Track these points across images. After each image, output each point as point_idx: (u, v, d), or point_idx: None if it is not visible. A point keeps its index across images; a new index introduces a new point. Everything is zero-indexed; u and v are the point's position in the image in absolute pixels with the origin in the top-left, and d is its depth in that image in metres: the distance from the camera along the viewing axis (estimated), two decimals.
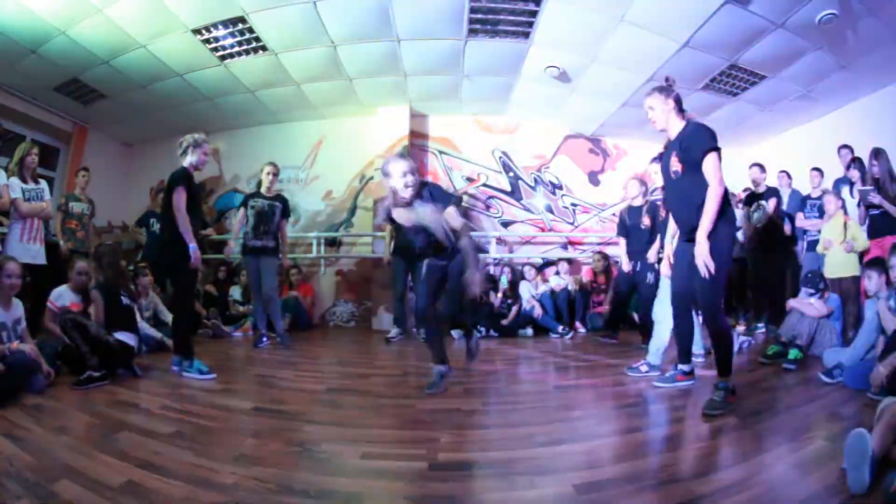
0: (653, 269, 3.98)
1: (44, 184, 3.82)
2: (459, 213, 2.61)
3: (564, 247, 6.58)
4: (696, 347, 3.50)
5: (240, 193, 6.35)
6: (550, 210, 6.60)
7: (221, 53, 4.72)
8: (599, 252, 5.88)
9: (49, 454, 1.67)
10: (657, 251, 3.97)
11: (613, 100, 5.56)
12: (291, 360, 3.78)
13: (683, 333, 2.69)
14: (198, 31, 4.35)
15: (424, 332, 3.10)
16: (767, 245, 4.57)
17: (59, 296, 3.28)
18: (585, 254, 6.41)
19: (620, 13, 3.97)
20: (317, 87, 5.59)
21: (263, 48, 4.66)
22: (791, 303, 3.70)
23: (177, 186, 2.98)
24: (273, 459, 1.69)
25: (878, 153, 3.85)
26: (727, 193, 2.29)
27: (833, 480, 1.42)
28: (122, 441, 1.82)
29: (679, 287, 2.53)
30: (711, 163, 2.24)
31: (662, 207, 3.53)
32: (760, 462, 1.61)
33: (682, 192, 2.39)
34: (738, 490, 1.39)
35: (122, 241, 6.19)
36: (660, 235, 3.88)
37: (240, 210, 4.33)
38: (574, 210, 6.65)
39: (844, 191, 4.40)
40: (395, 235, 4.94)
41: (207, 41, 4.50)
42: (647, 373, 3.02)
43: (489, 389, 2.85)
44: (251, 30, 4.35)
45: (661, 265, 3.24)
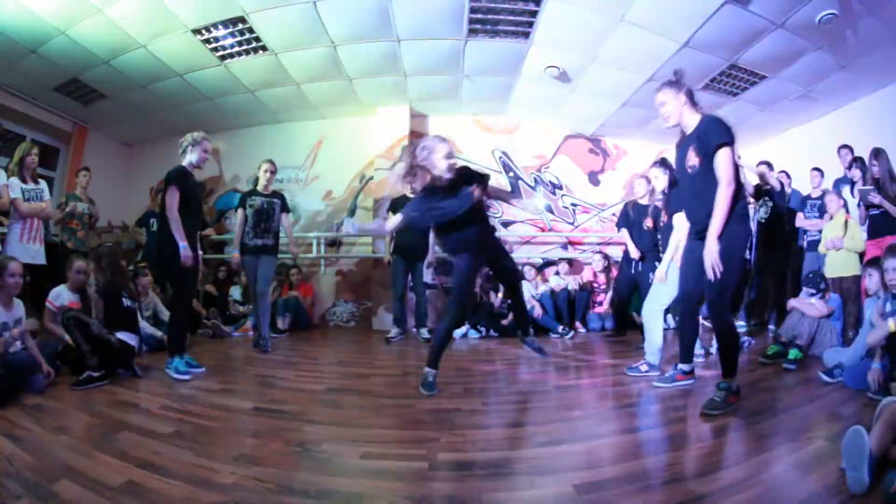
0: (653, 269, 3.99)
1: (43, 184, 3.83)
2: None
3: (564, 247, 6.58)
4: (696, 347, 3.51)
5: (240, 193, 6.34)
6: (550, 210, 6.60)
7: (221, 53, 4.72)
8: (600, 252, 5.88)
9: (49, 454, 1.67)
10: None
11: (613, 100, 5.56)
12: (291, 360, 3.78)
13: (687, 333, 2.66)
14: (198, 31, 4.35)
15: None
16: (770, 243, 4.57)
17: (58, 295, 3.28)
18: (585, 254, 6.42)
19: (620, 13, 3.97)
20: (317, 87, 5.59)
21: (263, 48, 4.66)
22: (792, 302, 3.70)
23: (169, 186, 2.97)
24: (273, 459, 1.69)
25: (878, 153, 3.85)
26: (741, 190, 2.22)
27: (833, 480, 1.42)
28: (122, 441, 1.82)
29: (688, 286, 2.46)
30: (723, 158, 2.17)
31: (665, 211, 3.53)
32: (760, 462, 1.61)
33: (697, 188, 2.31)
34: (738, 490, 1.39)
35: (122, 241, 6.19)
36: (661, 239, 3.90)
37: (238, 211, 4.19)
38: (574, 210, 6.66)
39: (845, 190, 4.40)
40: (396, 235, 4.95)
41: (207, 41, 4.50)
42: (647, 373, 3.02)
43: (489, 389, 2.85)
44: (251, 30, 4.35)
45: (657, 270, 3.24)
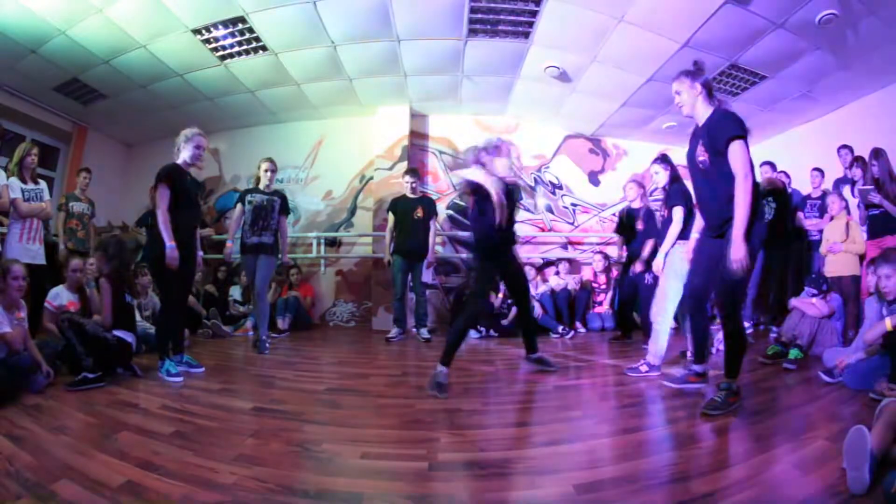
0: (651, 271, 4.00)
1: (43, 184, 3.82)
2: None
3: (564, 247, 6.58)
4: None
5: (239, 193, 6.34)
6: (550, 210, 6.60)
7: (221, 53, 4.72)
8: (600, 252, 5.88)
9: (49, 454, 1.67)
10: (649, 253, 4.03)
11: (613, 100, 5.56)
12: (291, 360, 3.78)
13: (699, 331, 2.59)
14: (198, 31, 4.35)
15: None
16: (773, 243, 4.57)
17: (56, 295, 3.28)
18: (585, 254, 6.42)
19: (620, 13, 3.97)
20: (317, 87, 5.59)
21: (263, 48, 4.66)
22: (793, 302, 3.70)
23: (158, 184, 2.93)
24: (273, 459, 1.69)
25: (878, 153, 3.85)
26: (757, 185, 2.14)
27: (833, 480, 1.42)
28: (122, 441, 1.82)
29: (697, 283, 2.41)
30: (738, 152, 2.08)
31: (664, 205, 3.53)
32: (760, 462, 1.61)
33: (710, 184, 2.23)
34: (738, 490, 1.39)
35: (127, 242, 6.18)
36: (656, 237, 3.92)
37: (236, 207, 4.12)
38: (574, 210, 6.66)
39: (845, 190, 4.40)
40: (396, 235, 4.95)
41: (207, 41, 4.50)
42: (647, 373, 3.02)
43: (489, 389, 2.84)
44: (251, 30, 4.35)
45: (654, 262, 3.26)
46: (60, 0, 3.80)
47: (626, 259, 4.44)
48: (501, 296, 5.33)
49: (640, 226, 4.19)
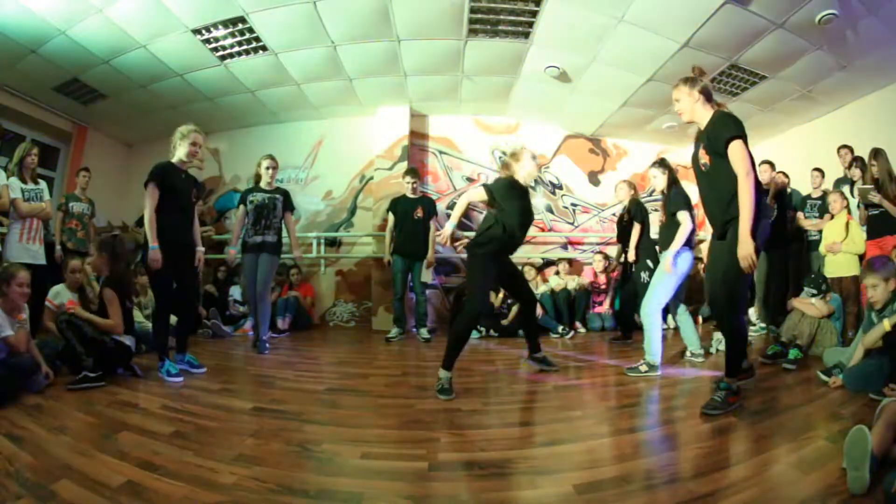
0: (647, 269, 4.01)
1: (43, 184, 3.83)
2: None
3: (564, 247, 6.58)
4: (694, 347, 3.52)
5: (239, 193, 6.33)
6: (550, 210, 6.60)
7: (221, 53, 4.72)
8: (600, 252, 5.88)
9: (49, 454, 1.67)
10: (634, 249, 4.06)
11: (613, 100, 5.56)
12: (291, 360, 3.78)
13: (732, 337, 2.40)
14: (198, 31, 4.35)
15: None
16: (772, 242, 4.58)
17: (57, 294, 3.29)
18: (585, 254, 6.42)
19: (620, 13, 3.97)
20: (317, 87, 5.59)
21: (263, 48, 4.66)
22: (793, 301, 3.71)
23: (147, 184, 2.90)
24: (273, 459, 1.69)
25: (878, 153, 3.86)
26: (759, 184, 2.15)
27: (833, 480, 1.42)
28: (122, 441, 1.82)
29: (712, 287, 2.34)
30: (737, 151, 2.11)
31: (663, 210, 3.55)
32: (760, 462, 1.61)
33: (712, 186, 2.27)
34: (738, 490, 1.39)
35: (127, 241, 6.18)
36: (661, 236, 3.92)
37: (238, 208, 4.05)
38: (574, 210, 6.65)
39: (844, 190, 4.40)
40: (396, 235, 4.95)
41: (207, 41, 4.50)
42: (647, 373, 3.02)
43: (489, 389, 2.84)
44: (251, 30, 4.35)
45: (663, 262, 3.24)
46: (60, 0, 3.80)
47: (625, 260, 4.45)
48: (502, 296, 5.33)
49: (628, 218, 4.20)
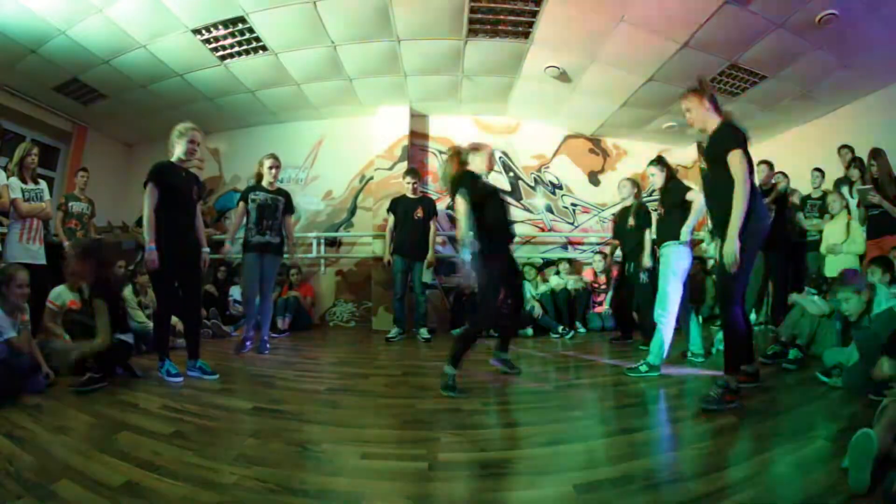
0: (646, 270, 4.00)
1: (43, 184, 3.82)
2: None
3: (564, 247, 6.58)
4: (695, 347, 3.52)
5: (240, 193, 6.33)
6: (550, 210, 6.60)
7: (221, 53, 4.72)
8: (600, 252, 5.88)
9: (49, 454, 1.67)
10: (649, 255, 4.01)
11: (613, 100, 5.56)
12: (291, 360, 3.78)
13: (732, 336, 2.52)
14: (198, 31, 4.35)
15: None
16: (771, 243, 4.57)
17: (58, 295, 3.28)
18: (585, 254, 6.41)
19: (620, 13, 3.97)
20: (317, 87, 5.59)
21: (263, 48, 4.66)
22: (793, 297, 3.69)
23: (146, 184, 2.89)
24: (273, 459, 1.69)
25: (877, 153, 3.86)
26: (755, 191, 2.30)
27: (833, 480, 1.42)
28: (122, 441, 1.82)
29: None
30: (735, 161, 2.26)
31: (660, 205, 3.54)
32: (760, 462, 1.61)
33: (714, 191, 2.45)
34: (738, 490, 1.39)
35: (122, 241, 6.18)
36: (650, 237, 3.93)
37: (238, 205, 3.96)
38: (574, 210, 6.65)
39: (844, 191, 4.40)
40: (396, 235, 4.95)
41: (207, 41, 4.50)
42: (647, 373, 3.02)
43: (489, 389, 2.84)
44: (251, 30, 4.35)
45: (675, 262, 3.24)
46: (60, 0, 3.80)
47: (623, 259, 4.42)
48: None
49: (632, 222, 4.15)
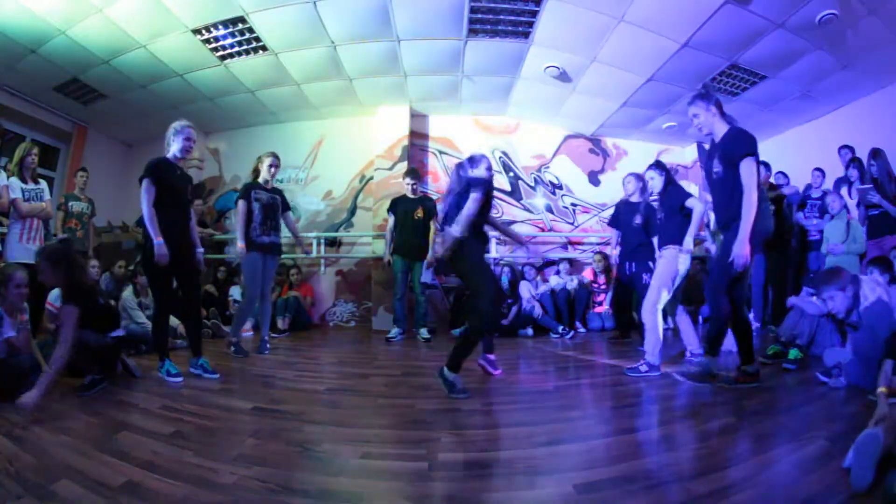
0: (648, 270, 3.99)
1: (44, 184, 3.83)
2: None
3: (564, 247, 6.58)
4: (694, 347, 3.52)
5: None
6: (550, 210, 6.60)
7: (221, 53, 4.72)
8: (600, 252, 5.88)
9: (49, 454, 1.67)
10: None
11: (613, 100, 5.57)
12: (291, 360, 3.78)
13: (739, 333, 2.70)
14: (198, 31, 4.35)
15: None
16: (770, 242, 4.57)
17: (58, 297, 3.28)
18: (585, 254, 6.42)
19: (620, 13, 3.97)
20: (317, 87, 5.60)
21: (263, 48, 4.66)
22: (792, 299, 3.69)
23: (142, 180, 2.87)
24: (273, 459, 1.69)
25: (877, 153, 3.86)
26: (762, 193, 2.49)
27: (833, 480, 1.42)
28: (122, 441, 1.82)
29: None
30: (748, 168, 2.40)
31: (661, 209, 3.55)
32: (760, 462, 1.61)
33: (722, 191, 2.57)
34: (738, 490, 1.39)
35: (122, 241, 6.19)
36: (657, 238, 3.92)
37: (239, 204, 3.86)
38: (574, 210, 6.66)
39: (843, 191, 4.40)
40: (396, 235, 4.95)
41: (207, 41, 4.50)
42: (647, 373, 3.02)
43: (489, 389, 2.84)
44: (251, 30, 4.35)
45: (686, 240, 3.29)
46: (60, 0, 3.80)
47: (621, 257, 4.40)
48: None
49: (639, 220, 4.13)
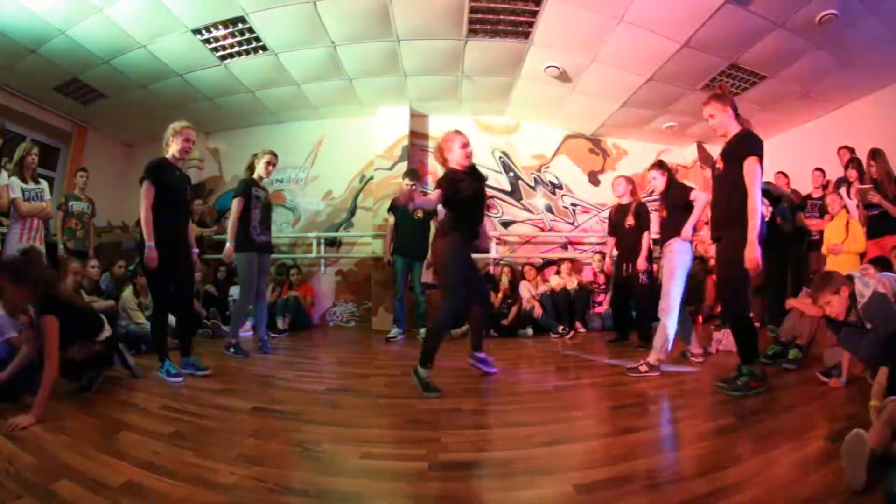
0: (644, 270, 4.00)
1: (44, 184, 3.83)
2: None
3: (564, 247, 6.58)
4: (695, 347, 3.52)
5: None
6: (550, 210, 6.60)
7: (221, 53, 4.72)
8: (599, 252, 5.88)
9: (49, 454, 1.67)
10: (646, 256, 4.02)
11: (613, 100, 5.57)
12: (291, 360, 3.78)
13: (739, 328, 2.71)
14: (198, 31, 4.35)
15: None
16: (769, 243, 4.57)
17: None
18: (585, 254, 6.42)
19: (620, 13, 3.97)
20: (317, 87, 5.60)
21: (263, 48, 4.66)
22: (791, 302, 3.70)
23: (142, 181, 2.87)
24: (273, 459, 1.69)
25: (876, 154, 3.87)
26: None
27: (833, 480, 1.42)
28: (122, 441, 1.82)
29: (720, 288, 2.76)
30: (750, 167, 2.42)
31: (664, 207, 3.54)
32: (760, 462, 1.61)
33: (720, 188, 2.62)
34: (738, 490, 1.39)
35: (122, 241, 6.19)
36: (661, 233, 3.91)
37: (237, 202, 3.78)
38: (574, 210, 6.66)
39: (842, 191, 4.40)
40: (396, 236, 4.95)
41: (207, 41, 4.50)
42: (647, 373, 3.02)
43: (489, 389, 2.84)
44: (251, 30, 4.35)
45: (683, 232, 3.27)
46: (60, 0, 3.80)
47: (618, 258, 4.40)
48: (501, 295, 5.33)
49: (631, 221, 4.13)
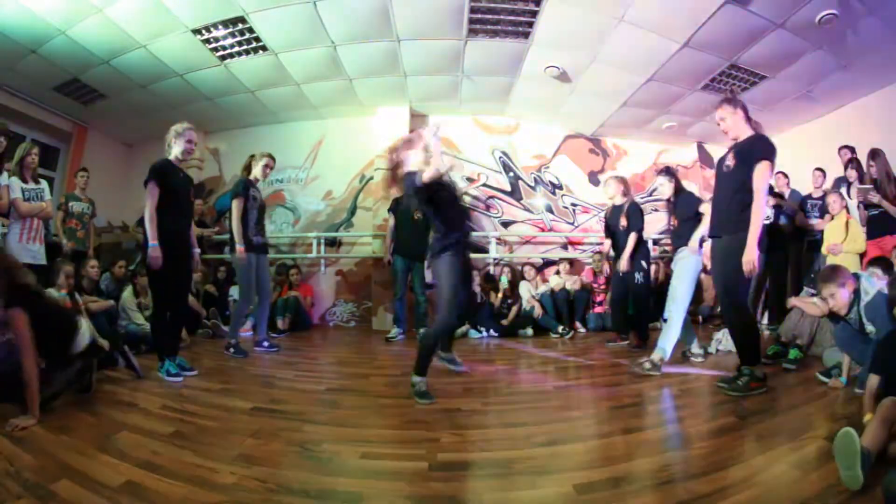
0: (640, 269, 4.00)
1: (44, 184, 3.82)
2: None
3: (564, 247, 6.58)
4: (693, 347, 3.52)
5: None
6: (550, 210, 6.60)
7: (221, 53, 4.72)
8: (599, 252, 5.88)
9: (49, 454, 1.67)
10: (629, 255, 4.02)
11: (613, 100, 5.56)
12: (291, 360, 3.78)
13: (741, 331, 2.69)
14: (198, 31, 4.35)
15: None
16: (771, 243, 4.58)
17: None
18: (586, 254, 6.42)
19: (620, 13, 3.96)
20: (317, 87, 5.59)
21: (263, 48, 4.66)
22: (792, 300, 3.69)
23: (147, 182, 2.89)
24: (273, 459, 1.69)
25: (876, 154, 3.87)
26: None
27: (833, 480, 1.42)
28: (122, 441, 1.82)
29: (717, 282, 2.72)
30: (761, 171, 2.44)
31: (673, 216, 3.55)
32: (760, 462, 1.61)
33: (726, 185, 2.59)
34: (738, 490, 1.39)
35: (122, 241, 6.19)
36: (638, 231, 3.94)
37: (236, 202, 3.76)
38: (574, 210, 6.66)
39: (842, 191, 4.40)
40: (396, 236, 4.95)
41: (207, 41, 4.50)
42: (649, 371, 3.02)
43: (489, 389, 2.84)
44: (251, 30, 4.35)
45: (690, 243, 3.24)
46: (60, 0, 3.80)
47: (615, 259, 4.40)
48: (501, 295, 5.34)
49: (624, 222, 4.13)
